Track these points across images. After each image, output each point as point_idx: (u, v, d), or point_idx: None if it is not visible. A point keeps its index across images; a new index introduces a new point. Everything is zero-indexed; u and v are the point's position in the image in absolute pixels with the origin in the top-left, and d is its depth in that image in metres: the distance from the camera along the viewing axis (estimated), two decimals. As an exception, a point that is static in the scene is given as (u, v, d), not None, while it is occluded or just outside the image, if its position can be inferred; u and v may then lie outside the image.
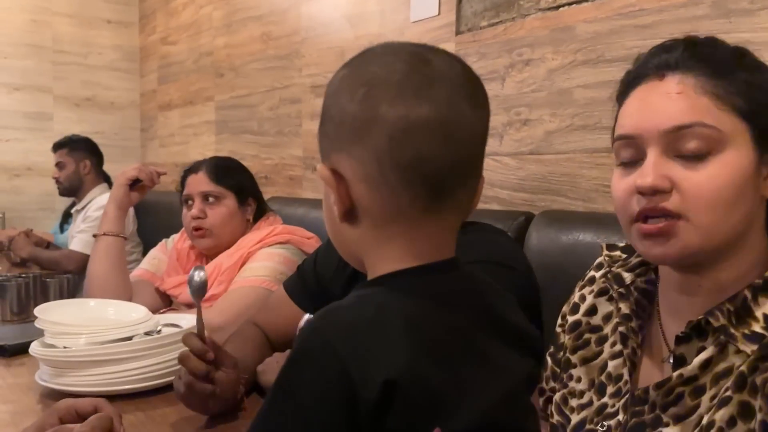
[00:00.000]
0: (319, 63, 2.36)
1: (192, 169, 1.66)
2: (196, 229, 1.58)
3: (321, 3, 2.35)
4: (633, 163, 0.69)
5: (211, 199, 1.59)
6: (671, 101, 0.66)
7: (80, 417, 0.73)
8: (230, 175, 1.65)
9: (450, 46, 1.78)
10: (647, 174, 0.65)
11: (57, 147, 3.01)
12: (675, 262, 0.69)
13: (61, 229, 3.15)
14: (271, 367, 1.12)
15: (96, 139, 3.12)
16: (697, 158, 0.64)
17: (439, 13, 1.82)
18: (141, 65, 4.01)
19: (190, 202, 1.61)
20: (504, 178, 1.63)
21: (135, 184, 1.64)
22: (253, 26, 2.77)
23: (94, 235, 1.63)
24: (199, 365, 0.90)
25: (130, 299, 1.49)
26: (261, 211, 1.70)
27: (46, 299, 1.66)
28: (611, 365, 0.76)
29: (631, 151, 0.69)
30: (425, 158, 0.52)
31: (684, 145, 0.65)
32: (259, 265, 1.50)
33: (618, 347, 0.76)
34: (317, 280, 1.24)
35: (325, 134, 0.57)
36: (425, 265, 0.56)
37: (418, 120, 0.51)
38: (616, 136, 0.72)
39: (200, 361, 0.91)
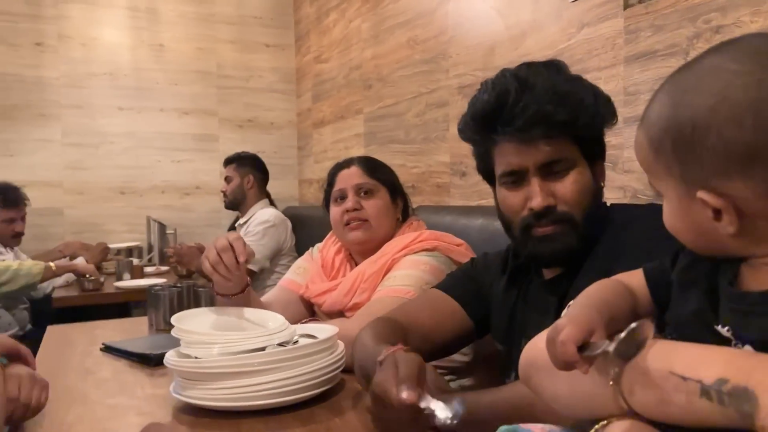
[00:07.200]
0: (467, 61, 2.21)
1: (343, 164, 1.57)
2: (350, 221, 1.49)
3: (468, -3, 2.21)
4: None
5: (365, 193, 1.51)
6: None
7: None
8: (381, 170, 1.57)
9: (618, 23, 1.54)
10: None
11: (227, 162, 3.20)
12: None
13: (227, 244, 3.29)
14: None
15: (257, 157, 3.22)
16: None
17: (602, -12, 1.60)
18: (297, 86, 4.14)
19: (342, 198, 1.53)
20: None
21: None
22: (400, 32, 2.70)
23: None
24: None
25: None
26: (405, 214, 1.58)
27: (198, 309, 1.66)
28: None
29: None
30: None
31: None
32: (403, 273, 1.37)
33: None
34: (479, 287, 1.17)
35: (698, 161, 0.55)
36: None
37: None
38: None
39: None
